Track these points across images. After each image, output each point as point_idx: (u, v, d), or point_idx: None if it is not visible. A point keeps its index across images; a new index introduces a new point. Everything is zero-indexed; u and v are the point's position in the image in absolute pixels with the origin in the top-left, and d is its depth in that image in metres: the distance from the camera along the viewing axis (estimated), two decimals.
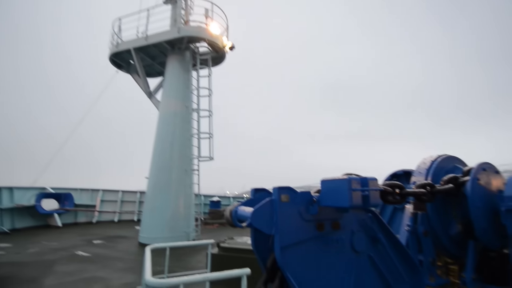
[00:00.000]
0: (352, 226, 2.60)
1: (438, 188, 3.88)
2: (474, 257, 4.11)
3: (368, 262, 2.61)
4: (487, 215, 3.92)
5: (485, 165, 4.20)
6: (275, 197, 2.33)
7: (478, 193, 3.93)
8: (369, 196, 2.13)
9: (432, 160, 4.52)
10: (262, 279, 2.64)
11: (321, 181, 2.36)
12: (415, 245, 4.23)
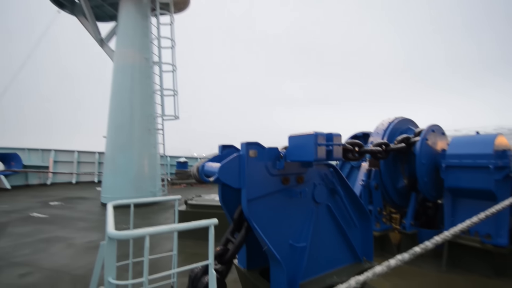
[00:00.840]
0: (315, 179, 2.75)
1: (392, 146, 4.24)
2: (414, 206, 4.77)
3: (327, 211, 2.84)
4: (430, 171, 4.46)
5: (434, 127, 4.65)
6: (243, 153, 2.33)
7: (425, 151, 4.40)
8: (332, 151, 2.22)
9: (389, 122, 4.86)
10: (229, 230, 2.76)
11: (289, 137, 2.39)
12: (366, 197, 4.74)
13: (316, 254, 2.76)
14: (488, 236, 3.79)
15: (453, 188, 4.09)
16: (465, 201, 4.12)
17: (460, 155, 3.96)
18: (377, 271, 2.02)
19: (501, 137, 3.89)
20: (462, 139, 4.21)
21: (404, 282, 3.65)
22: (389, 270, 1.95)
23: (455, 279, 3.78)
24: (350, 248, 3.07)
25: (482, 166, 3.66)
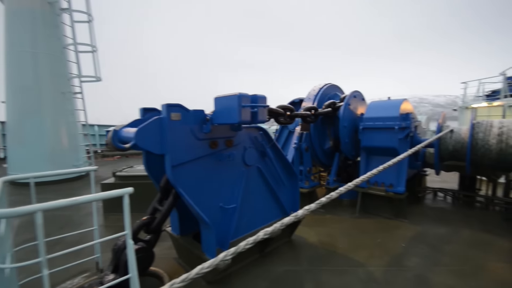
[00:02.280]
0: (245, 143, 2.76)
1: (320, 111, 4.55)
2: (337, 165, 5.37)
3: (257, 173, 2.94)
4: (350, 133, 4.99)
5: (356, 93, 5.12)
6: (164, 115, 2.12)
7: (347, 115, 4.85)
8: (257, 113, 2.21)
9: (320, 87, 5.15)
10: (156, 198, 2.62)
11: (214, 99, 2.27)
12: (298, 158, 5.11)
13: (248, 213, 2.87)
14: (391, 186, 4.56)
15: (367, 147, 4.69)
16: (376, 158, 4.78)
17: (373, 118, 4.50)
18: (299, 214, 2.13)
19: (406, 102, 4.53)
20: (376, 104, 4.76)
21: (325, 229, 4.19)
22: (309, 213, 2.08)
23: (365, 222, 4.51)
24: (279, 205, 3.30)
25: (389, 127, 4.26)
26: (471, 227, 4.22)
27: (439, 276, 2.94)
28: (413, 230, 4.13)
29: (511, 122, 3.93)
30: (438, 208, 5.19)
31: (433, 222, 4.44)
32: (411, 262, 3.22)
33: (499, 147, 3.84)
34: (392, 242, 3.75)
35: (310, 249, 3.55)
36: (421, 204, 5.40)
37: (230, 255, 1.39)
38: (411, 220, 4.51)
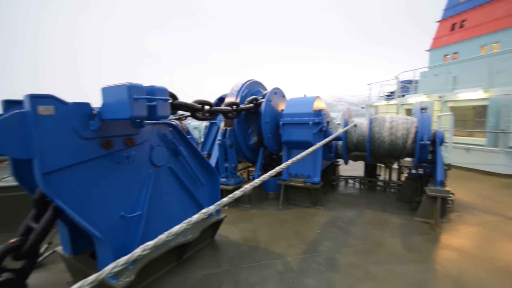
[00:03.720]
0: (152, 141, 2.45)
1: (242, 106, 4.52)
2: (262, 160, 5.48)
3: (169, 174, 2.67)
4: (272, 128, 5.14)
5: (276, 90, 5.28)
6: (30, 109, 1.66)
7: (269, 111, 4.97)
8: (156, 107, 1.94)
9: (243, 83, 5.12)
10: (31, 214, 2.08)
11: (102, 89, 1.89)
12: (223, 155, 4.99)
13: (159, 219, 2.58)
14: (308, 177, 4.88)
15: (287, 141, 4.91)
16: (296, 151, 5.05)
17: (291, 114, 4.72)
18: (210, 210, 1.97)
19: (318, 100, 4.90)
20: (294, 100, 5.02)
21: (250, 224, 4.20)
22: (221, 207, 1.95)
23: (287, 213, 4.72)
24: (197, 205, 3.09)
25: (305, 122, 4.54)
26: (373, 208, 4.87)
27: (346, 256, 3.25)
28: (328, 216, 4.52)
29: (399, 118, 4.68)
30: (349, 194, 5.86)
31: (344, 206, 4.97)
32: (324, 247, 3.49)
33: (390, 139, 4.53)
34: (309, 229, 4.01)
35: (233, 248, 3.48)
36: (335, 191, 6.00)
37: (120, 266, 1.12)
38: (326, 207, 4.95)
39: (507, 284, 2.68)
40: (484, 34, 21.11)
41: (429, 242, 3.56)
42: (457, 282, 2.71)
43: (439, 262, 3.09)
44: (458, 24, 23.71)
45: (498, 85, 7.50)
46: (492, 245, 3.47)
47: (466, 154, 8.02)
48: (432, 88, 9.98)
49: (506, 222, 4.17)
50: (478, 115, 8.46)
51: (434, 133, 4.36)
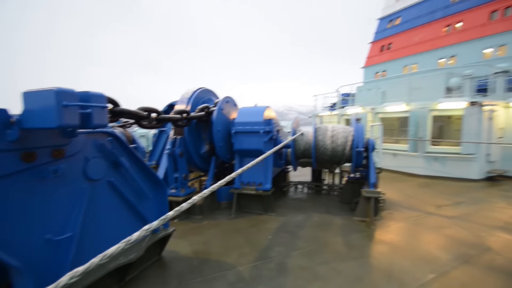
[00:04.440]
0: (87, 152, 2.21)
1: (192, 114, 4.41)
2: (214, 169, 5.40)
3: (108, 188, 2.43)
4: (224, 137, 5.14)
5: (228, 99, 5.32)
6: None
7: (220, 120, 4.96)
8: (91, 115, 1.77)
9: (194, 91, 5.02)
10: None
11: (23, 94, 1.64)
12: (172, 165, 4.77)
13: (96, 239, 2.32)
14: (260, 184, 4.98)
15: (239, 150, 4.96)
16: (248, 160, 5.12)
17: (243, 123, 4.80)
18: (153, 225, 1.83)
19: (268, 109, 5.10)
20: (245, 109, 5.12)
21: (201, 236, 4.07)
22: (166, 221, 1.84)
23: (240, 221, 4.72)
24: (142, 221, 2.87)
25: (256, 131, 4.66)
26: (319, 211, 5.20)
27: (295, 259, 3.39)
28: (279, 221, 4.66)
29: (339, 127, 5.15)
30: (298, 199, 6.16)
31: (293, 211, 5.19)
32: (275, 252, 3.57)
33: (332, 146, 4.94)
34: (261, 236, 4.07)
35: (182, 263, 3.31)
36: (285, 197, 6.24)
37: None
38: (278, 212, 5.10)
39: (425, 268, 3.13)
40: (406, 56, 24.88)
41: (366, 239, 3.95)
42: (388, 272, 3.06)
43: (373, 256, 3.45)
44: (386, 46, 27.49)
45: (416, 100, 8.88)
46: (414, 237, 4.02)
47: (393, 159, 9.21)
48: (366, 101, 11.28)
49: (425, 217, 4.89)
50: (402, 125, 9.84)
51: (367, 141, 4.92)
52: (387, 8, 28.21)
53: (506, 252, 3.53)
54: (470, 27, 20.20)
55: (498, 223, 4.54)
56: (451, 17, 21.72)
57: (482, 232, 4.19)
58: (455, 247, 3.68)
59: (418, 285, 2.84)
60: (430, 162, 8.35)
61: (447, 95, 8.81)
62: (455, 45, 20.84)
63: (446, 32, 21.89)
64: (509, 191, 6.75)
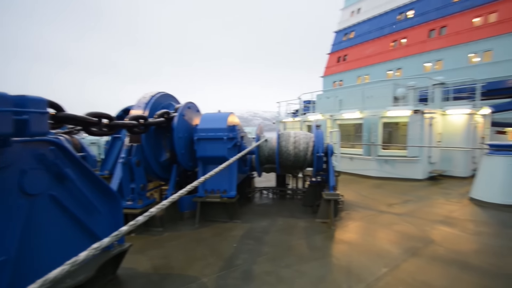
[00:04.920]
0: (24, 164, 1.95)
1: (150, 120, 4.20)
2: (175, 177, 5.18)
3: (50, 203, 2.17)
4: (186, 144, 4.98)
5: (190, 104, 5.20)
6: None
7: (182, 126, 4.80)
8: (28, 122, 1.57)
9: (152, 95, 4.80)
10: None
11: None
12: (128, 175, 4.46)
13: (36, 260, 2.04)
14: (225, 192, 4.91)
15: (202, 157, 4.84)
16: (212, 167, 5.01)
17: (206, 129, 4.72)
18: (104, 243, 1.66)
19: (232, 115, 5.10)
20: (208, 116, 5.05)
21: (161, 250, 3.85)
22: (118, 237, 1.70)
23: (204, 230, 4.57)
24: (92, 237, 2.62)
25: (219, 138, 4.61)
26: (283, 215, 5.29)
27: (260, 265, 3.38)
28: (244, 228, 4.62)
29: (300, 133, 5.35)
30: (263, 204, 6.20)
31: (259, 217, 5.20)
32: (240, 260, 3.53)
33: (295, 152, 5.10)
34: (226, 245, 3.99)
35: (140, 280, 3.08)
36: (251, 203, 6.24)
37: None
38: (243, 219, 5.06)
39: (380, 263, 3.36)
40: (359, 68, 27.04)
41: (327, 240, 4.12)
42: (347, 269, 3.22)
43: (334, 255, 3.61)
44: (342, 57, 29.58)
45: (368, 108, 9.66)
46: (369, 235, 4.30)
47: (350, 162, 9.84)
48: (325, 108, 11.94)
49: (378, 215, 5.28)
50: (357, 131, 10.60)
51: (326, 146, 5.18)
52: (342, 22, 30.52)
53: (446, 243, 3.96)
54: (412, 43, 22.76)
55: (438, 218, 5.09)
56: (397, 34, 24.25)
57: (426, 226, 4.66)
58: (404, 241, 4.02)
59: (374, 279, 3.03)
60: (382, 164, 9.09)
61: (394, 104, 9.74)
62: (401, 58, 23.27)
63: (393, 47, 24.35)
64: (447, 188, 7.64)
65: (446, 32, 20.44)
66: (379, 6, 26.40)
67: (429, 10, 21.81)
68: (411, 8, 23.31)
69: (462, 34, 19.31)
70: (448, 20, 20.38)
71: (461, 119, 9.10)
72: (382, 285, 2.92)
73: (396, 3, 24.67)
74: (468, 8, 19.27)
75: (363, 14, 28.12)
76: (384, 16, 25.56)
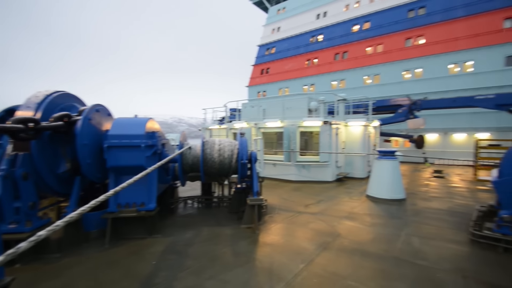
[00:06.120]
0: None
1: (44, 124, 3.45)
2: (78, 192, 4.38)
3: None
4: (93, 152, 4.29)
5: (99, 107, 4.53)
6: None
7: (88, 131, 4.12)
8: None
9: (47, 94, 3.96)
10: None
11: None
12: (10, 191, 3.51)
13: None
14: (143, 204, 4.45)
15: (114, 167, 4.27)
16: (126, 178, 4.46)
17: (119, 136, 4.20)
18: None
19: (151, 121, 4.71)
20: (122, 121, 4.52)
21: (59, 280, 3.16)
22: None
23: (116, 251, 4.00)
24: None
25: (136, 145, 4.17)
26: (209, 224, 5.15)
27: (183, 280, 3.17)
28: (165, 243, 4.27)
29: (225, 141, 5.38)
30: (187, 215, 5.90)
31: (182, 229, 4.91)
32: (160, 278, 3.23)
33: (219, 159, 5.08)
34: (144, 264, 3.59)
35: None
36: (174, 215, 5.85)
37: None
38: (164, 233, 4.68)
39: (297, 260, 3.65)
40: (280, 81, 29.42)
41: (251, 244, 4.21)
42: (269, 271, 3.36)
43: (258, 259, 3.71)
44: (265, 70, 31.62)
45: (288, 118, 10.57)
46: (289, 235, 4.63)
47: (273, 168, 10.49)
48: (250, 116, 12.44)
49: (297, 215, 5.75)
50: (279, 139, 11.43)
51: (250, 153, 5.37)
52: (265, 38, 32.79)
53: (350, 236, 4.62)
54: (322, 63, 26.27)
55: (344, 214, 5.92)
56: (310, 54, 27.56)
57: (334, 222, 5.33)
58: (317, 238, 4.49)
59: (292, 275, 3.25)
60: (300, 169, 10.03)
61: (309, 115, 10.97)
62: (314, 76, 26.50)
63: (307, 65, 27.53)
64: (350, 188, 8.99)
65: (348, 57, 24.51)
66: (295, 28, 29.62)
67: (334, 37, 25.75)
68: (321, 33, 27.04)
69: (359, 59, 23.53)
70: (349, 46, 24.51)
71: (358, 129, 10.95)
72: (299, 281, 3.16)
73: (309, 27, 28.19)
74: (363, 38, 23.66)
75: (282, 32, 30.96)
76: (300, 37, 28.80)
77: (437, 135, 18.50)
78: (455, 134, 17.86)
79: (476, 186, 9.29)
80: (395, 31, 21.64)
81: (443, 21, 19.19)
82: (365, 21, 24.03)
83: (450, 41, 18.50)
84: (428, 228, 5.01)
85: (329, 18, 27.04)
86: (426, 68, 19.32)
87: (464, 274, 3.33)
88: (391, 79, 21.18)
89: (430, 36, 19.58)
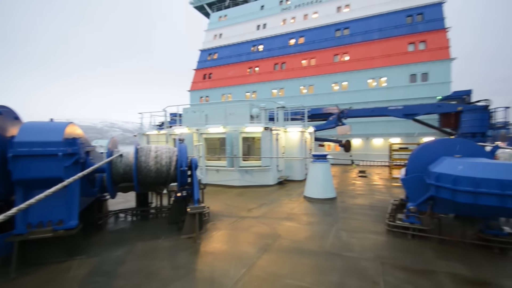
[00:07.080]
0: None
1: None
2: None
3: None
4: None
5: (2, 109, 3.76)
6: None
7: None
8: None
9: None
10: None
11: None
12: None
13: None
14: (61, 222, 3.83)
15: (23, 180, 3.58)
16: (39, 192, 3.79)
17: (30, 143, 3.55)
18: None
19: (72, 126, 4.12)
20: (33, 125, 3.83)
21: None
22: None
23: (25, 280, 3.33)
24: None
25: (52, 153, 3.59)
26: (144, 238, 4.74)
27: None
28: (90, 265, 3.75)
29: (163, 147, 5.07)
30: (118, 230, 5.31)
31: (111, 246, 4.39)
32: None
33: (156, 167, 4.76)
34: None
35: None
36: (102, 231, 5.20)
37: None
38: (89, 253, 4.11)
39: (239, 266, 3.65)
40: (223, 87, 29.47)
41: (192, 255, 4.04)
42: (210, 281, 3.27)
43: (198, 269, 3.58)
44: (207, 75, 31.26)
45: (230, 124, 10.63)
46: (232, 241, 4.61)
47: (217, 174, 10.36)
48: (191, 122, 12.07)
49: (240, 220, 5.78)
50: (222, 144, 11.38)
51: (190, 160, 5.19)
52: (207, 43, 32.50)
53: (288, 236, 4.86)
54: (263, 72, 27.38)
55: (284, 215, 6.21)
56: (252, 62, 28.44)
57: (275, 224, 5.54)
58: (259, 241, 4.59)
59: (234, 282, 3.24)
60: (243, 174, 10.16)
61: (251, 121, 11.25)
62: (255, 83, 27.39)
63: (249, 73, 28.32)
64: (289, 190, 9.51)
65: (286, 67, 26.18)
66: (237, 36, 30.26)
67: (274, 48, 27.24)
68: (261, 43, 28.27)
69: (295, 70, 25.37)
70: (287, 58, 26.23)
71: (296, 135, 11.73)
72: (240, 286, 3.16)
73: (250, 37, 29.17)
74: (298, 52, 25.66)
75: (224, 39, 31.22)
76: (242, 45, 29.53)
77: (360, 140, 21.19)
78: (374, 139, 20.77)
79: (392, 183, 10.91)
80: (325, 47, 24.15)
81: (363, 42, 22.29)
82: (300, 36, 26.15)
83: (368, 59, 21.59)
84: (354, 222, 5.65)
85: (268, 30, 28.52)
86: (350, 82, 22.06)
87: (383, 260, 3.85)
88: (323, 90, 23.47)
89: (353, 54, 22.50)
